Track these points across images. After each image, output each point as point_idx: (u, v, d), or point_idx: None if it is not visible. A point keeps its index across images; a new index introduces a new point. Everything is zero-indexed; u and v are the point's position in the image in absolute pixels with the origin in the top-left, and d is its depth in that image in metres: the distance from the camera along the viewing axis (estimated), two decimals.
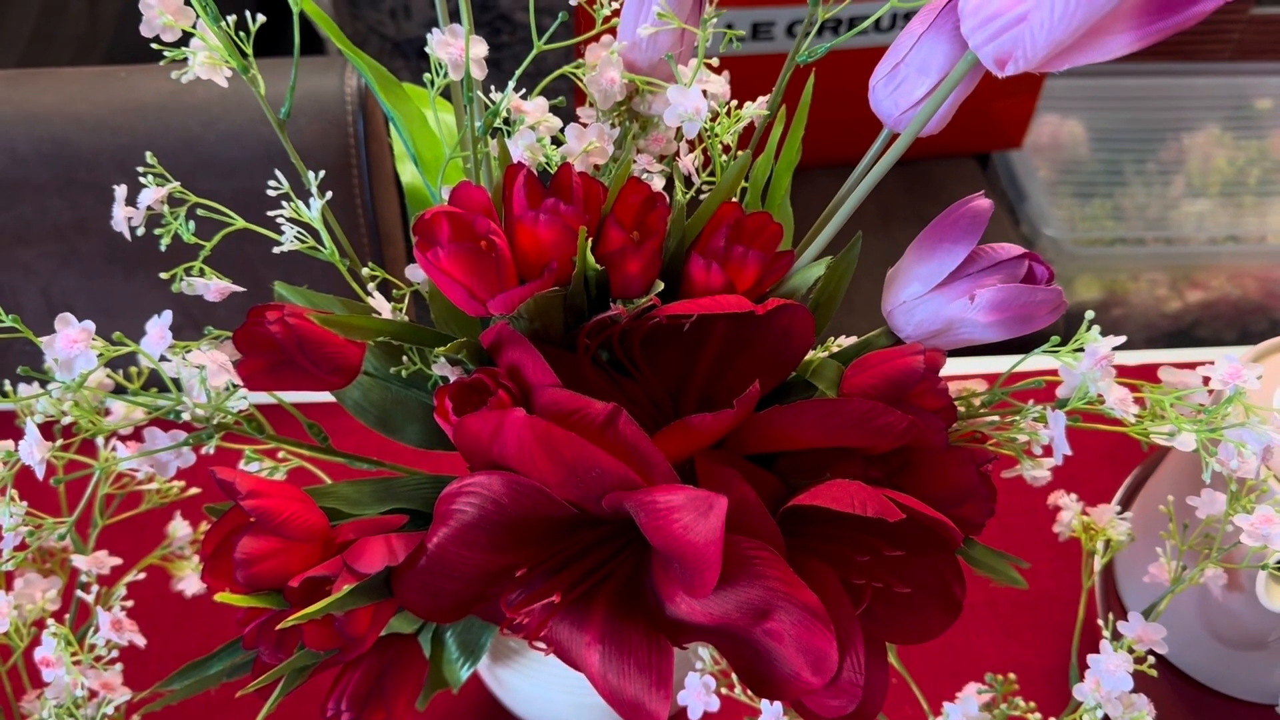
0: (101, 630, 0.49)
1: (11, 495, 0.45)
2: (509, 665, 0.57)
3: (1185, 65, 2.10)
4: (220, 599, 0.40)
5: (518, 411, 0.40)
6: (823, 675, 0.42)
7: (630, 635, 0.44)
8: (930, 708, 0.53)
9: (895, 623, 0.47)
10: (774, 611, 0.42)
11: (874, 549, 0.45)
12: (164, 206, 0.45)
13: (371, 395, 0.50)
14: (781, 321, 0.46)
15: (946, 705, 0.51)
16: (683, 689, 0.54)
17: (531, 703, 0.61)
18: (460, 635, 0.52)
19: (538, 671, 0.56)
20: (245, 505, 0.41)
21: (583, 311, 0.45)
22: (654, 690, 0.43)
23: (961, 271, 0.46)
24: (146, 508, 0.57)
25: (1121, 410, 0.45)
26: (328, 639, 0.42)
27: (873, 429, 0.44)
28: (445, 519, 0.43)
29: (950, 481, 0.47)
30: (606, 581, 0.46)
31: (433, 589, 0.44)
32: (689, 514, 0.39)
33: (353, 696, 0.45)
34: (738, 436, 0.45)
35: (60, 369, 0.41)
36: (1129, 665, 0.47)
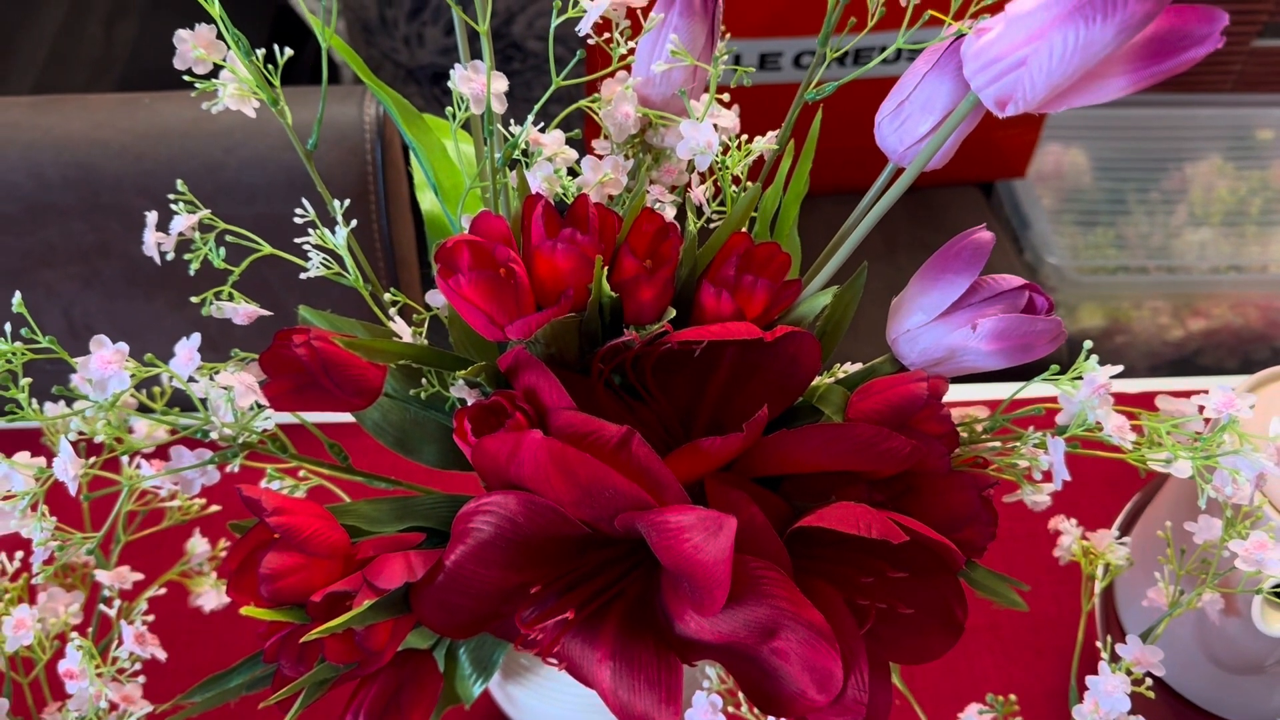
0: (125, 643, 0.50)
1: (43, 511, 0.46)
2: (520, 682, 0.58)
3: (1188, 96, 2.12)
4: (245, 613, 0.41)
5: (534, 433, 0.41)
6: (828, 693, 0.43)
7: (640, 652, 0.45)
8: None
9: (898, 643, 0.48)
10: (780, 630, 0.43)
11: (878, 571, 0.46)
12: (194, 233, 0.47)
13: (390, 416, 0.52)
14: (789, 349, 0.47)
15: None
16: (690, 707, 0.55)
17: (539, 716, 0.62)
18: (473, 652, 0.53)
19: (548, 689, 0.58)
20: (271, 522, 0.42)
21: (597, 337, 0.47)
22: (663, 706, 0.44)
23: (964, 302, 0.48)
24: (168, 524, 0.58)
25: (1119, 437, 0.47)
26: (347, 653, 0.43)
27: (877, 453, 0.45)
28: (463, 537, 0.44)
29: (952, 505, 0.48)
30: (618, 600, 0.47)
31: (449, 605, 0.45)
32: (699, 534, 0.41)
33: (370, 710, 0.46)
34: (746, 459, 0.46)
35: (94, 389, 0.42)
36: (1127, 687, 0.48)
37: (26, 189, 0.78)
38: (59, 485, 0.56)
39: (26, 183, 0.78)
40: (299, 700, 0.44)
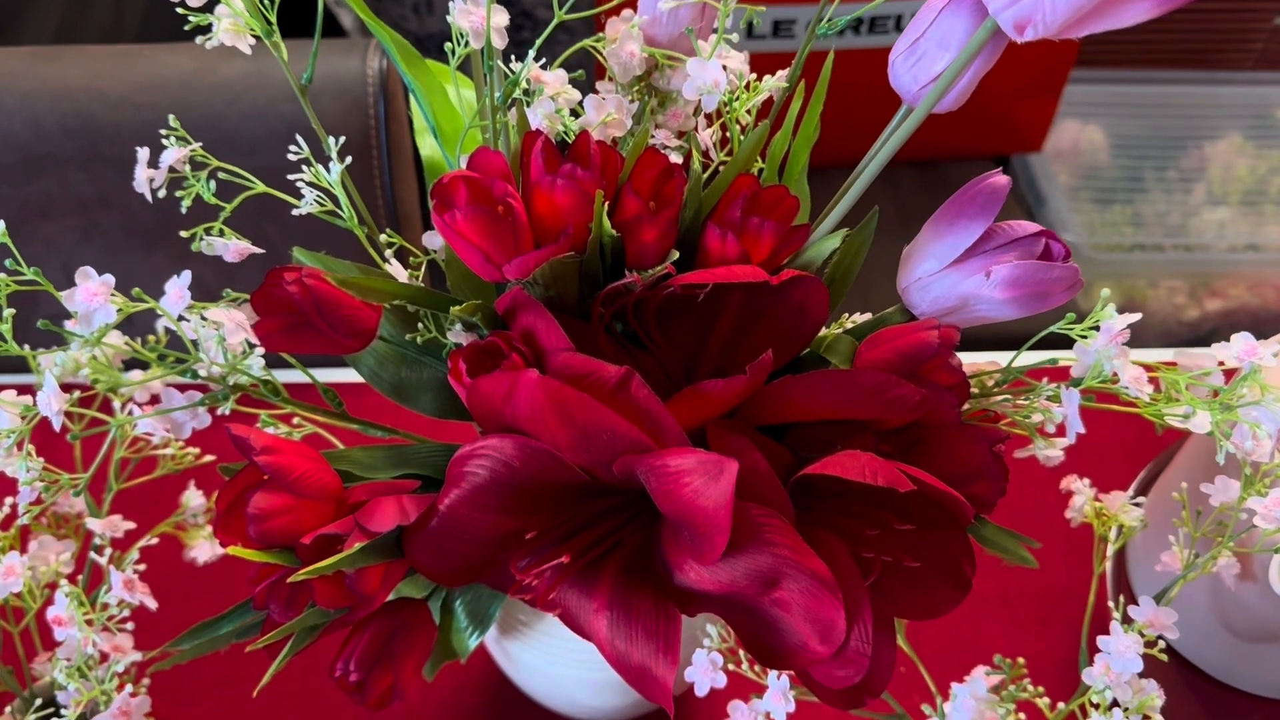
0: (114, 589, 0.49)
1: (29, 451, 0.45)
2: (517, 639, 0.57)
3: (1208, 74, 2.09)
4: (233, 552, 0.40)
5: (531, 373, 0.40)
6: (830, 644, 0.42)
7: (638, 602, 0.44)
8: (939, 693, 0.53)
9: (904, 599, 0.47)
10: (782, 580, 0.42)
11: (884, 523, 0.45)
12: (185, 167, 0.46)
13: (386, 363, 0.51)
14: (796, 295, 0.46)
15: (954, 686, 0.50)
16: (690, 665, 0.54)
17: (539, 677, 0.61)
18: (469, 604, 0.52)
19: (546, 645, 0.57)
20: (259, 461, 0.41)
21: (598, 280, 0.46)
22: (661, 656, 0.43)
23: (978, 248, 0.46)
24: (161, 473, 0.57)
25: (1136, 389, 0.45)
26: (338, 597, 0.42)
27: (885, 401, 0.44)
28: (457, 481, 0.43)
29: (962, 459, 0.47)
30: (616, 550, 0.46)
31: (443, 551, 0.44)
32: (699, 478, 0.40)
33: (361, 658, 0.45)
34: (750, 407, 0.45)
35: (80, 322, 0.41)
36: (1139, 647, 0.47)
37: (24, 138, 0.77)
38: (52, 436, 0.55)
39: (24, 131, 0.76)
40: (288, 645, 0.43)
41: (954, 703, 0.50)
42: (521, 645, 0.57)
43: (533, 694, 0.66)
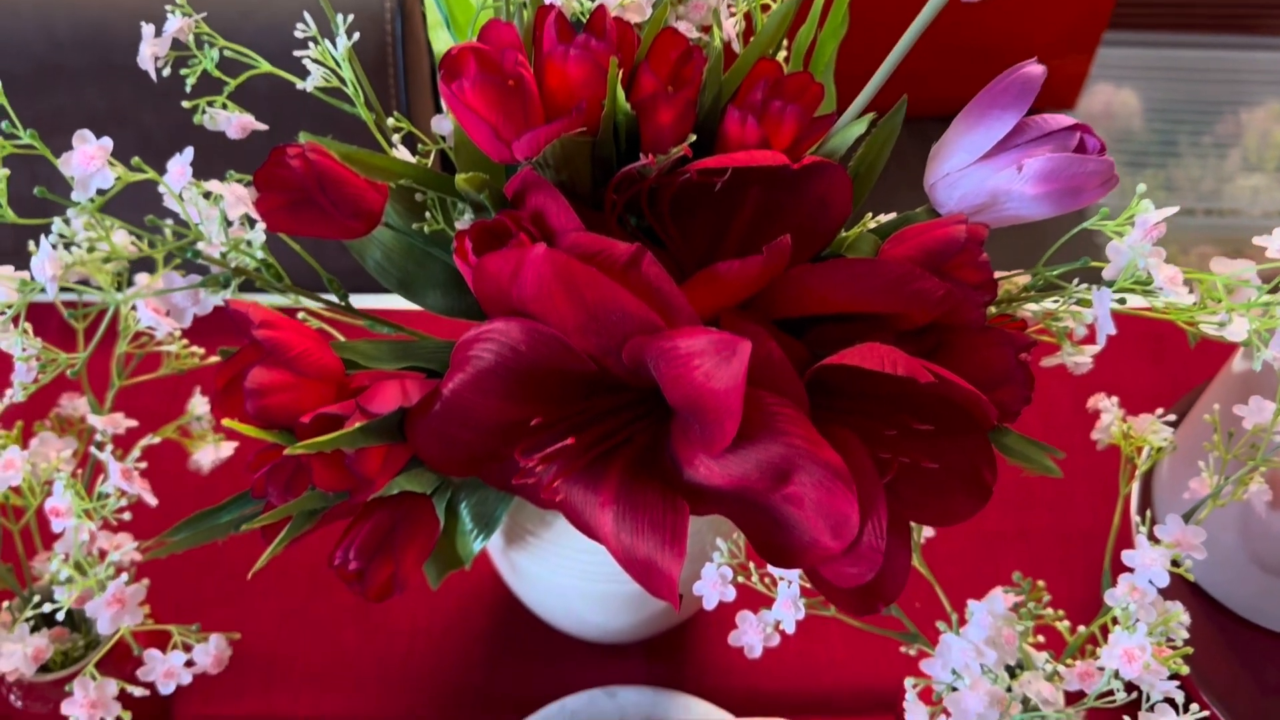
0: (111, 478, 0.48)
1: (25, 328, 0.44)
2: (523, 550, 0.56)
3: (1245, 39, 2.04)
4: (227, 424, 0.39)
5: (539, 247, 0.38)
6: (842, 539, 0.40)
7: (645, 496, 0.43)
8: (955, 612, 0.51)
9: (921, 504, 0.45)
10: (794, 472, 0.40)
11: (902, 424, 0.43)
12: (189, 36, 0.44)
13: (394, 256, 0.49)
14: (818, 188, 0.44)
15: (972, 603, 0.49)
16: (698, 580, 0.52)
17: (545, 592, 0.60)
18: (474, 507, 0.51)
19: (552, 556, 0.55)
20: (257, 335, 0.40)
21: (611, 165, 0.44)
22: (667, 549, 0.41)
23: (1009, 141, 0.44)
24: (166, 371, 0.56)
25: (1170, 289, 0.43)
26: (338, 479, 0.41)
27: (907, 294, 0.42)
28: (462, 365, 0.41)
29: (986, 364, 0.45)
30: (623, 447, 0.44)
31: (447, 437, 0.43)
32: (710, 360, 0.38)
33: (361, 547, 0.44)
34: (766, 299, 0.43)
35: (77, 188, 0.40)
36: (1165, 561, 0.45)
37: (38, 49, 0.75)
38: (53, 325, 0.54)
39: (38, 41, 0.75)
40: (285, 529, 0.42)
41: (971, 620, 0.48)
42: (527, 557, 0.56)
43: (540, 612, 0.65)
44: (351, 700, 0.65)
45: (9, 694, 0.56)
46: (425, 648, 0.68)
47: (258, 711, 0.65)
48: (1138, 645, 0.43)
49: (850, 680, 0.67)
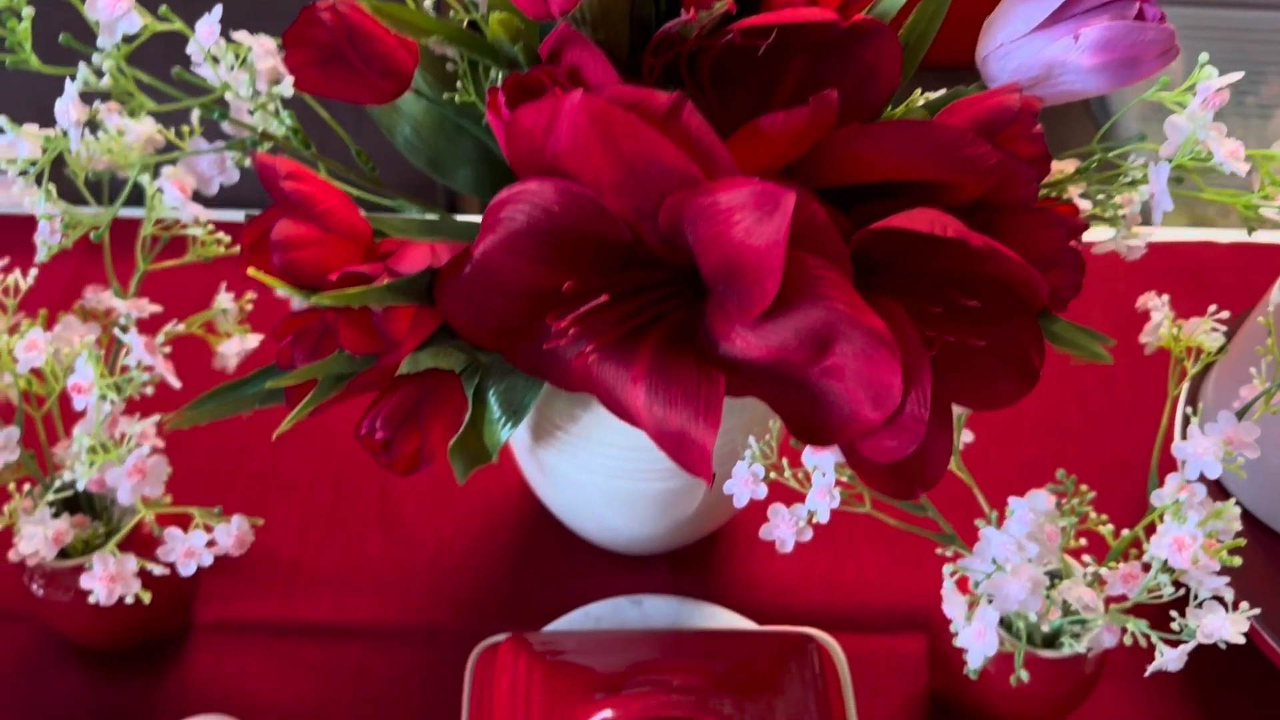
0: (134, 351, 0.47)
1: (48, 189, 0.43)
2: (551, 446, 0.55)
3: None
4: (252, 273, 0.38)
5: (575, 93, 0.37)
6: (884, 410, 0.39)
7: (679, 368, 0.41)
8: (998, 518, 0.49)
9: (966, 387, 0.43)
10: (835, 340, 0.39)
11: (948, 301, 0.42)
12: None
13: (423, 131, 0.48)
14: (866, 55, 0.43)
15: (1013, 499, 0.47)
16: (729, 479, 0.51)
17: (571, 491, 0.59)
18: (503, 394, 0.50)
19: (579, 452, 0.54)
20: (285, 187, 0.38)
21: (650, 26, 0.43)
22: (701, 420, 0.40)
23: (1066, 10, 0.43)
24: (192, 258, 0.55)
25: (1231, 164, 0.41)
26: (365, 341, 0.40)
27: (958, 159, 0.40)
28: (493, 226, 0.40)
29: (1037, 244, 0.44)
30: (656, 324, 0.43)
31: (476, 303, 0.42)
32: (750, 215, 0.37)
33: (389, 417, 0.43)
34: (810, 165, 0.41)
35: (102, 33, 0.39)
36: (1218, 450, 0.43)
37: None
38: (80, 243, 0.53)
39: None
40: (312, 392, 0.41)
41: (1012, 515, 0.46)
42: (555, 454, 0.55)
43: (566, 519, 0.64)
44: (374, 606, 0.65)
45: (31, 582, 0.56)
46: (450, 559, 0.67)
47: (279, 615, 0.64)
48: (1188, 534, 0.42)
49: (880, 599, 0.66)
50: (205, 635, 0.63)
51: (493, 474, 0.72)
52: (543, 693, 0.50)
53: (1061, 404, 0.77)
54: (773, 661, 0.52)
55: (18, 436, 0.54)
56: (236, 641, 0.63)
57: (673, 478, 0.55)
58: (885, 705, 0.62)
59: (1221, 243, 0.87)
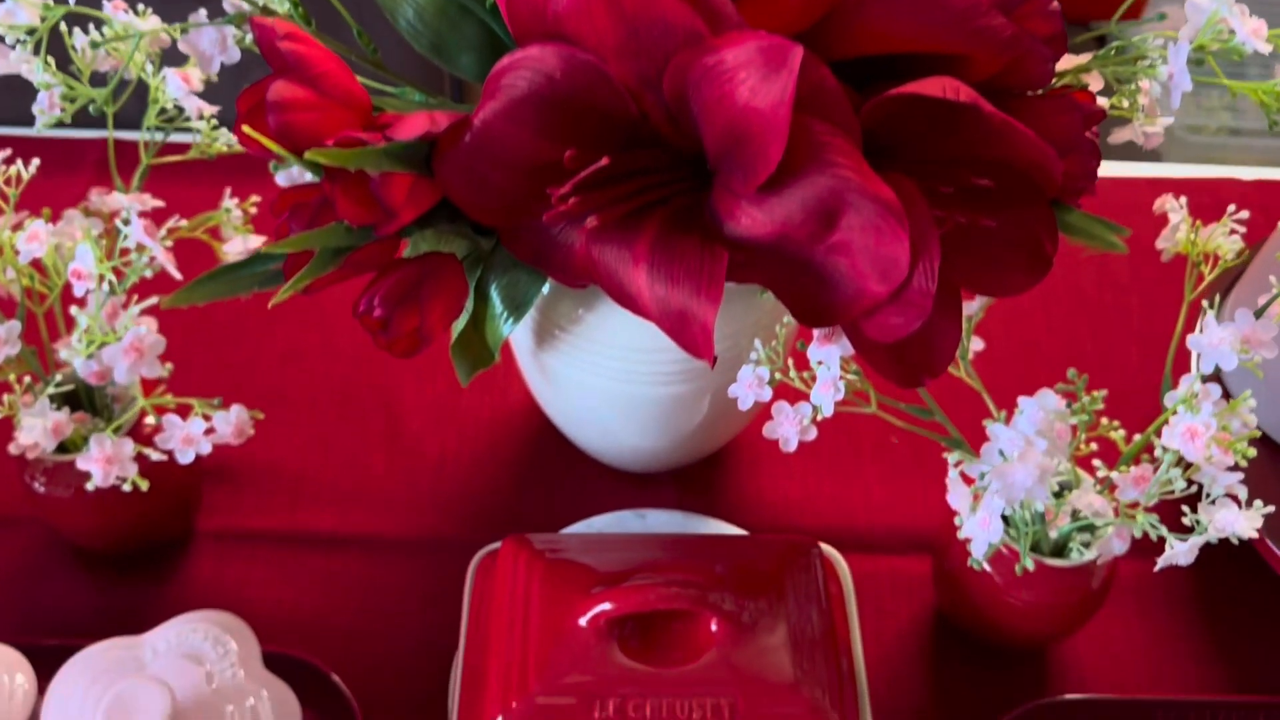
0: (134, 234, 0.47)
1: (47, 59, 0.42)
2: (554, 350, 0.54)
3: None
4: (246, 131, 0.37)
5: None
6: (890, 282, 0.38)
7: (681, 246, 0.41)
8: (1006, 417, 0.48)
9: (976, 273, 0.42)
10: (842, 212, 0.38)
11: (960, 180, 0.41)
12: None
13: (426, 16, 0.47)
14: None
15: (1022, 399, 0.46)
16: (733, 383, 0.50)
17: (575, 398, 0.58)
18: (505, 289, 0.49)
19: (582, 354, 0.53)
20: (281, 47, 0.38)
21: None
22: (703, 295, 0.39)
23: None
24: (194, 155, 0.55)
25: (1253, 42, 0.40)
26: (362, 210, 0.39)
27: (972, 30, 0.39)
28: (494, 94, 0.40)
29: (1051, 130, 0.42)
30: (659, 207, 0.42)
31: (477, 175, 0.41)
32: (756, 74, 0.36)
33: (387, 294, 0.42)
34: (820, 35, 0.40)
35: None
36: (1235, 342, 0.42)
37: None
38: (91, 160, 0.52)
39: None
40: (309, 264, 0.40)
41: (1021, 413, 0.45)
42: (558, 358, 0.54)
43: (571, 431, 0.64)
44: (378, 519, 0.64)
45: (32, 480, 0.56)
46: (454, 473, 0.67)
47: (282, 525, 0.64)
48: (1202, 423, 0.41)
49: (886, 520, 0.65)
50: (207, 543, 0.63)
51: (498, 391, 0.71)
52: (542, 588, 0.49)
53: (1076, 339, 0.76)
54: (776, 564, 0.51)
55: (19, 330, 0.53)
56: (239, 550, 0.63)
57: (677, 382, 0.54)
58: (890, 625, 0.61)
59: (1245, 180, 0.85)
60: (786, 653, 0.48)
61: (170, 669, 0.49)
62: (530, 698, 0.46)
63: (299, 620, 0.60)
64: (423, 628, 0.60)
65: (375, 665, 0.58)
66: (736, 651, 0.47)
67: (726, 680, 0.46)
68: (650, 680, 0.46)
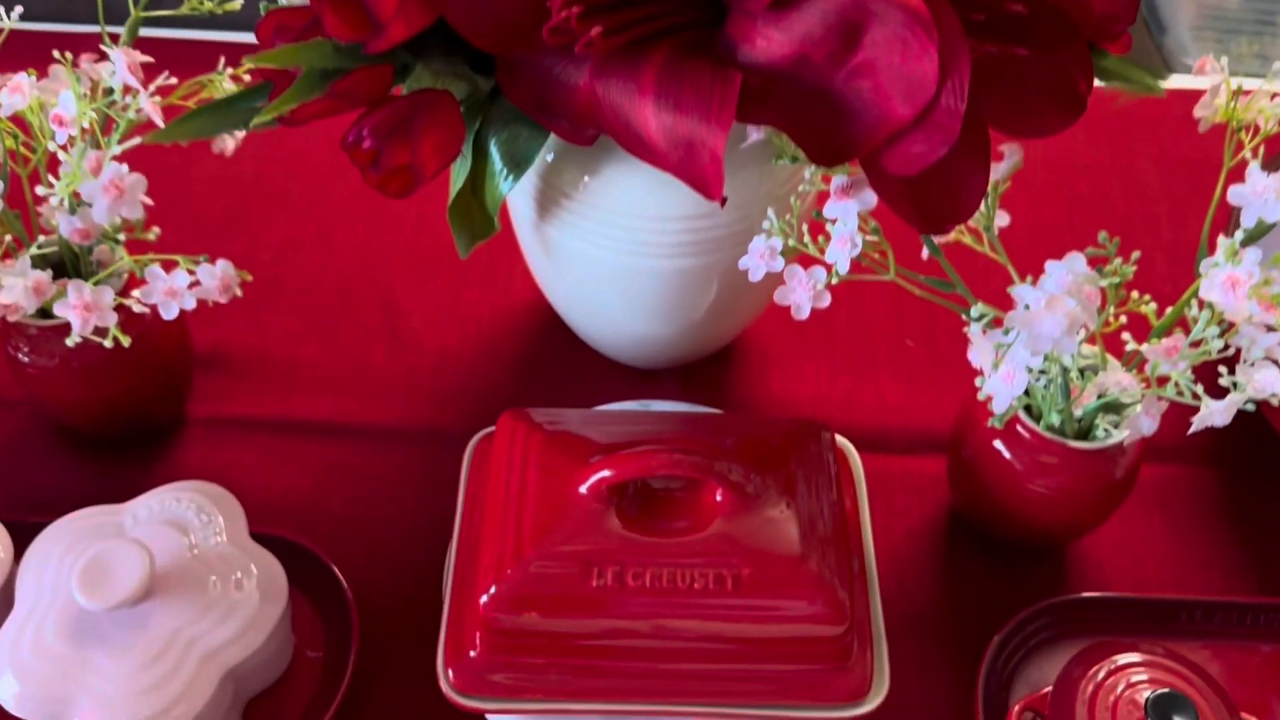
0: (118, 72, 0.45)
1: None
2: (556, 220, 0.52)
3: None
4: None
5: None
6: (916, 102, 0.35)
7: (691, 71, 0.38)
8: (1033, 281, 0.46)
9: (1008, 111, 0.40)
10: (866, 25, 0.35)
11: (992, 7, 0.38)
12: None
13: None
14: None
15: (1049, 263, 0.44)
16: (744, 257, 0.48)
17: (579, 277, 0.55)
18: (505, 145, 0.47)
19: (585, 223, 0.51)
20: None
21: None
22: (712, 121, 0.37)
23: None
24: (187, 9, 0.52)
25: None
26: (350, 26, 0.37)
27: None
28: None
29: None
30: (668, 37, 0.40)
31: None
32: None
33: (377, 125, 0.40)
34: None
35: None
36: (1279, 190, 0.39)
37: None
38: None
39: None
40: (294, 84, 0.38)
41: (1047, 277, 0.43)
42: (560, 229, 0.52)
43: (575, 321, 0.61)
44: (375, 409, 0.62)
45: (16, 352, 0.54)
46: (454, 367, 0.65)
47: (275, 414, 0.62)
48: (1244, 271, 0.38)
49: (899, 421, 0.63)
50: (198, 429, 0.61)
51: (500, 289, 0.69)
52: (540, 458, 0.47)
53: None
54: (786, 442, 0.49)
55: (2, 191, 0.51)
56: (230, 436, 0.61)
57: (685, 255, 0.52)
58: (901, 524, 0.59)
59: None
60: (794, 527, 0.45)
61: (151, 535, 0.47)
62: (525, 565, 0.44)
63: (290, 506, 0.58)
64: (418, 515, 0.58)
65: (369, 552, 0.56)
66: (742, 523, 0.45)
67: (730, 551, 0.44)
68: (651, 549, 0.44)
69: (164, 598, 0.45)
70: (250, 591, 0.47)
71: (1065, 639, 0.52)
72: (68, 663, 0.43)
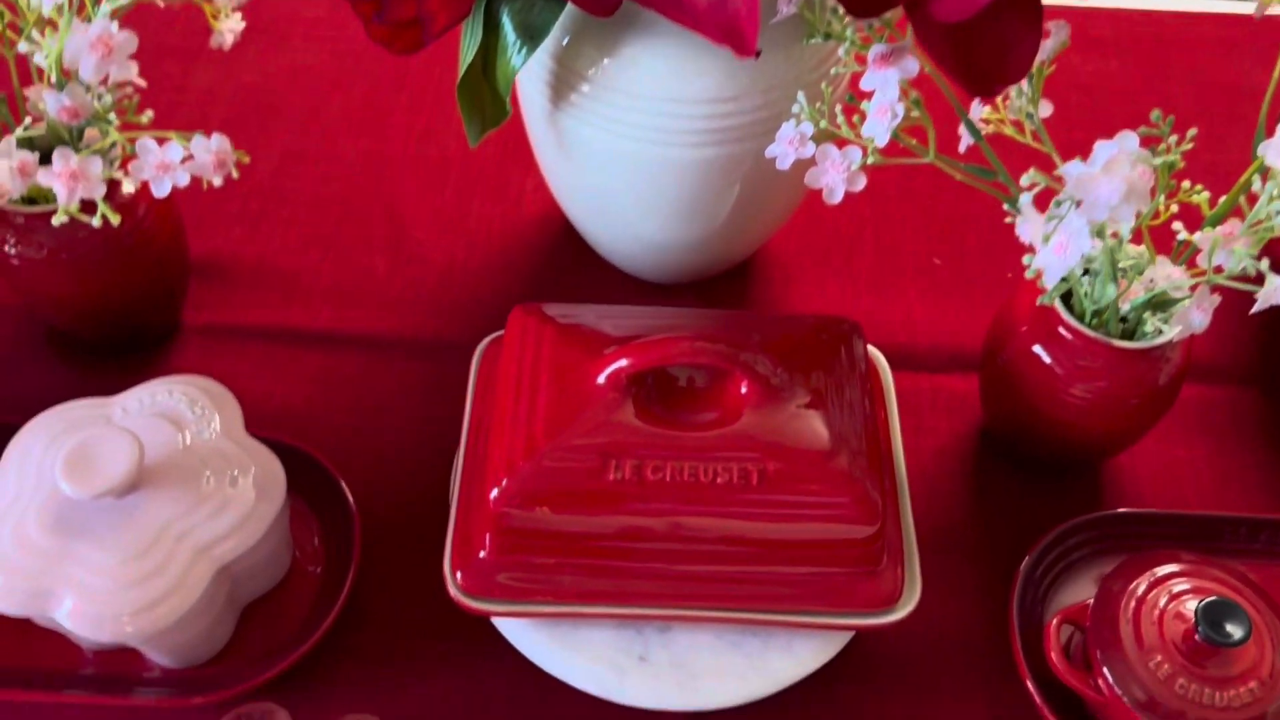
0: None
1: None
2: (573, 107, 0.49)
3: None
4: None
5: None
6: None
7: None
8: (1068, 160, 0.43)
9: None
10: None
11: None
12: None
13: None
14: None
15: (1098, 143, 0.41)
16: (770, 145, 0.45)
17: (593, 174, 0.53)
18: (519, 15, 0.44)
19: (601, 108, 0.48)
20: None
21: None
22: None
23: None
24: None
25: None
26: None
27: None
28: None
29: None
30: None
31: None
32: None
33: None
34: None
35: None
36: None
37: None
38: None
39: None
40: None
41: (1097, 152, 0.40)
42: (576, 117, 0.49)
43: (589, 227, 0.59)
44: (378, 319, 0.60)
45: (3, 244, 0.51)
46: (462, 279, 0.62)
47: (274, 322, 0.59)
48: None
49: (929, 339, 0.60)
50: (194, 336, 0.58)
51: (510, 202, 0.66)
52: (553, 351, 0.45)
53: None
54: (815, 339, 0.46)
55: None
56: (227, 344, 0.58)
57: (707, 144, 0.49)
58: (930, 441, 0.56)
59: None
60: (823, 423, 0.43)
61: (142, 426, 0.45)
62: (538, 458, 0.42)
63: (290, 413, 0.56)
64: (424, 426, 0.55)
65: (371, 463, 0.54)
66: (768, 417, 0.42)
67: (756, 445, 0.42)
68: (672, 443, 0.42)
69: (153, 490, 0.42)
70: (245, 488, 0.44)
71: (1103, 556, 0.50)
72: (52, 554, 0.41)
